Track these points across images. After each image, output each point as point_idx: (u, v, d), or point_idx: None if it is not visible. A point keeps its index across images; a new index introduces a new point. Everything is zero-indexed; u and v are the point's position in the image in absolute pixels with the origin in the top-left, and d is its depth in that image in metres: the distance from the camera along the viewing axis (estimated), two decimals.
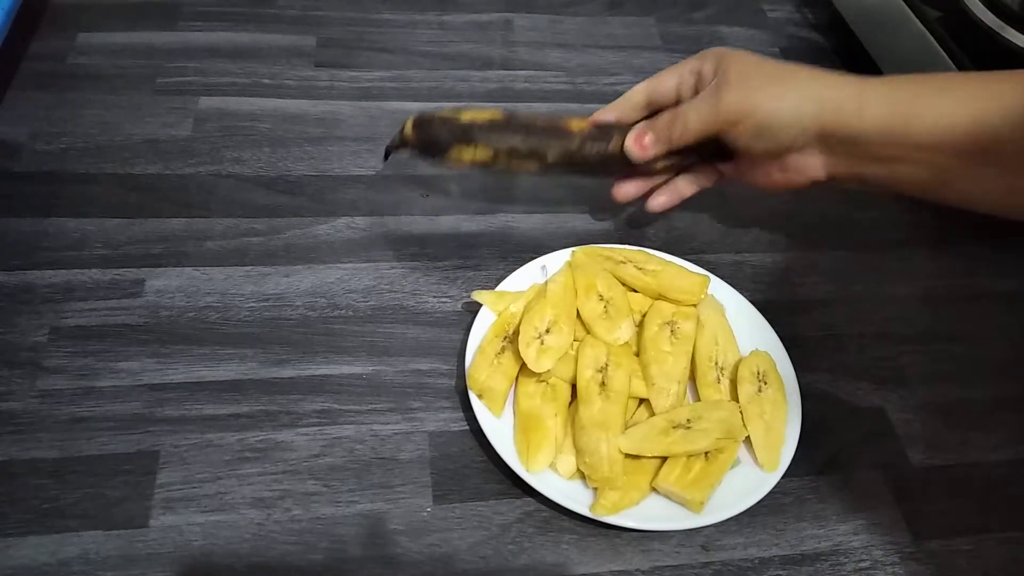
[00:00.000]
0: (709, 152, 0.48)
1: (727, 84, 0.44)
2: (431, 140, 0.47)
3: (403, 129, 0.48)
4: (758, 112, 0.43)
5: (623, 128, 0.48)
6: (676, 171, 0.50)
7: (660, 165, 0.49)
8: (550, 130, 0.47)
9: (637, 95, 0.49)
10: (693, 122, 0.45)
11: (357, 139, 0.60)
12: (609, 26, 0.73)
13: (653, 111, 0.49)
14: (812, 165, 0.46)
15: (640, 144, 0.47)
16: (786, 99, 0.43)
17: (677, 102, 0.48)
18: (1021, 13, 0.56)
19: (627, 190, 0.50)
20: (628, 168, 0.48)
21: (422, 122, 0.47)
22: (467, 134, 0.46)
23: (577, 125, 0.48)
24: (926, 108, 0.42)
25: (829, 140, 0.44)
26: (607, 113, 0.50)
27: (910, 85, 0.44)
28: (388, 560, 0.40)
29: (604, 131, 0.48)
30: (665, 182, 0.51)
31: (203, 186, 0.55)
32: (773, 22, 0.76)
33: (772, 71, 0.45)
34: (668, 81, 0.48)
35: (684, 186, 0.51)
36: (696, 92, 0.47)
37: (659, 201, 0.51)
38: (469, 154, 0.47)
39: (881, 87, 0.44)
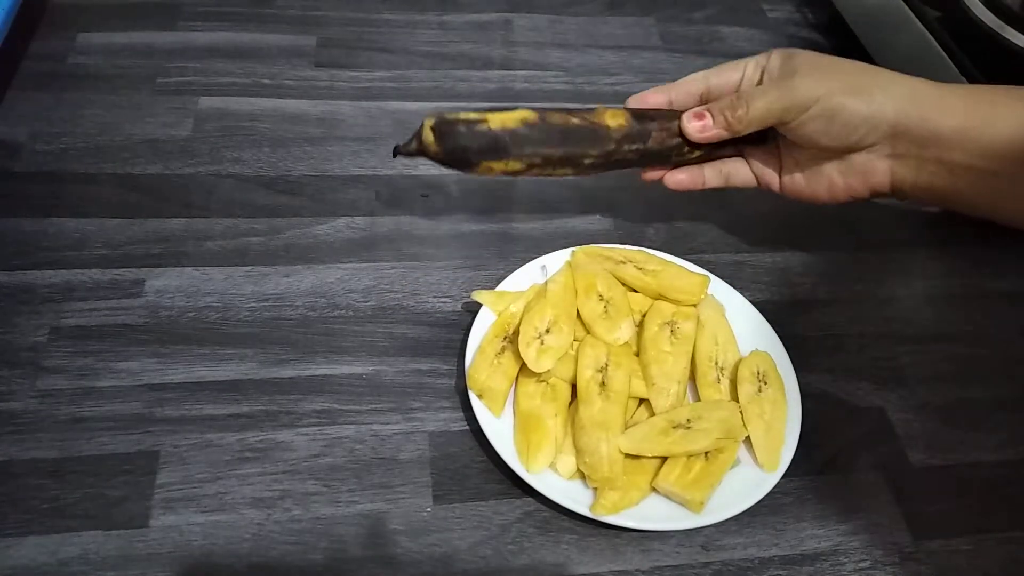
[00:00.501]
0: (750, 139, 0.47)
1: (799, 71, 0.42)
2: (456, 152, 0.44)
3: (421, 135, 0.44)
4: (833, 97, 0.41)
5: (662, 120, 0.46)
6: (708, 159, 0.50)
7: (695, 154, 0.48)
8: (586, 132, 0.45)
9: (695, 83, 0.47)
10: (758, 105, 0.43)
11: (357, 139, 0.60)
12: (609, 26, 0.73)
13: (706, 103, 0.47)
14: (878, 169, 0.45)
15: (699, 118, 0.44)
16: (863, 89, 0.42)
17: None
18: (1021, 13, 0.56)
19: (652, 176, 0.49)
20: (663, 161, 0.48)
21: (444, 130, 0.43)
22: (498, 145, 0.43)
23: (614, 119, 0.45)
24: (1005, 113, 0.42)
25: (902, 139, 0.43)
26: (658, 95, 0.47)
27: (988, 91, 0.44)
28: (388, 560, 0.40)
29: (642, 126, 0.46)
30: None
31: (203, 186, 0.55)
32: (773, 22, 0.76)
33: (847, 64, 0.44)
34: (731, 74, 0.46)
35: (710, 175, 0.50)
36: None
37: (678, 179, 0.49)
38: (500, 166, 0.45)
39: (959, 89, 0.43)
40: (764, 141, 0.49)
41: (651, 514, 0.41)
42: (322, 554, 0.40)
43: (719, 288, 0.50)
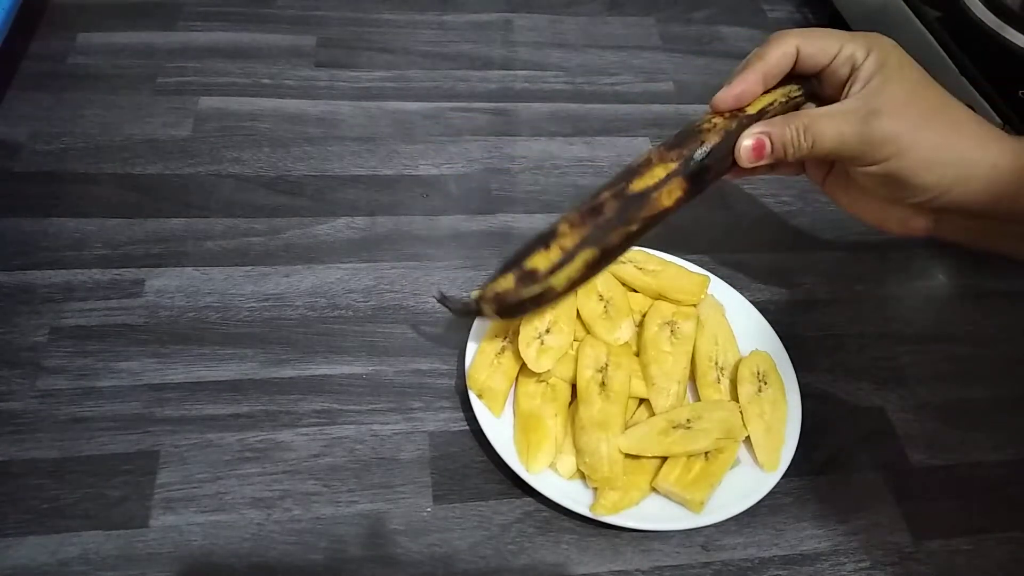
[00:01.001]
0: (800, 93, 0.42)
1: (884, 110, 0.37)
2: (521, 314, 0.43)
3: (479, 310, 0.41)
4: (907, 159, 0.37)
5: (718, 160, 0.40)
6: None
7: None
8: (646, 228, 0.40)
9: (786, 53, 0.40)
10: (828, 139, 0.38)
11: (357, 139, 0.60)
12: (609, 26, 0.73)
13: (785, 78, 0.41)
14: (919, 221, 0.42)
15: (758, 152, 0.40)
16: (945, 159, 0.37)
17: (817, 74, 0.41)
18: (1021, 13, 0.56)
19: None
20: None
21: (509, 308, 0.41)
22: (566, 295, 0.41)
23: (670, 196, 0.40)
24: None
25: (962, 212, 0.39)
26: (749, 79, 0.40)
27: None
28: (388, 560, 0.40)
29: (698, 181, 0.41)
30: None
31: (203, 186, 0.55)
32: (773, 22, 0.76)
33: (934, 104, 0.38)
34: (826, 46, 0.40)
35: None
36: (843, 84, 0.40)
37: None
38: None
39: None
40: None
41: (651, 514, 0.41)
42: (322, 554, 0.40)
43: (719, 288, 0.50)
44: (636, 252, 0.51)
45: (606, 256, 0.40)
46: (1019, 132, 0.42)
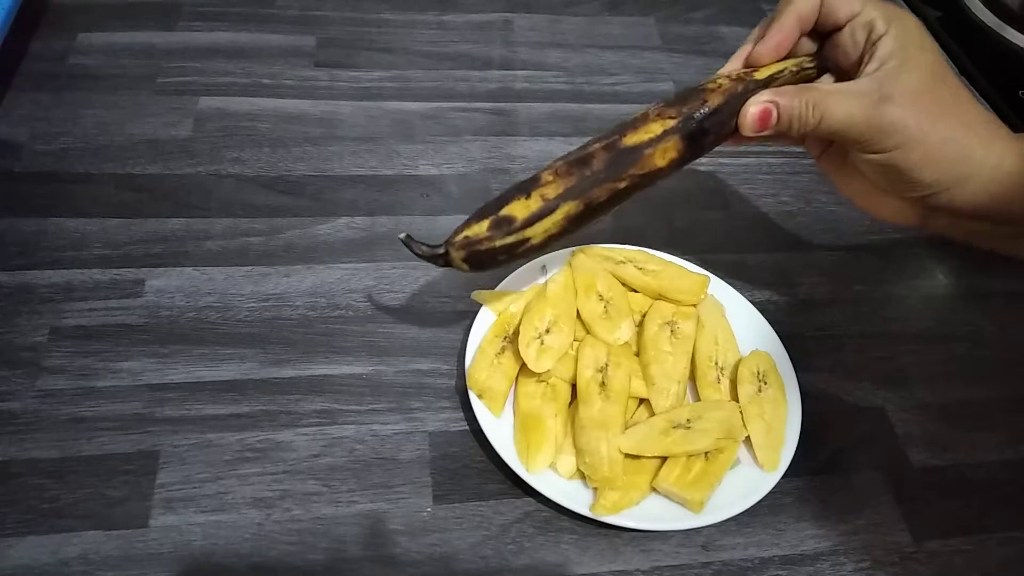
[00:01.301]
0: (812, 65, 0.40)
1: (894, 96, 0.36)
2: (493, 266, 0.41)
3: (448, 259, 0.40)
4: (915, 150, 0.36)
5: (718, 126, 0.39)
6: None
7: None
8: (637, 185, 0.39)
9: (807, 6, 0.39)
10: (837, 118, 0.37)
11: (357, 139, 0.60)
12: (609, 26, 0.73)
13: (802, 33, 0.40)
14: (908, 213, 0.41)
15: (763, 122, 0.38)
16: (953, 159, 0.36)
17: (832, 33, 0.39)
18: (1021, 13, 0.56)
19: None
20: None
21: (480, 259, 0.39)
22: (544, 249, 0.40)
23: (664, 156, 0.39)
24: None
25: (957, 213, 0.39)
26: (774, 40, 0.40)
27: None
28: (388, 560, 0.40)
29: (696, 145, 0.39)
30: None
31: (203, 186, 0.55)
32: None
33: (947, 96, 0.37)
34: (852, 4, 0.38)
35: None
36: (856, 52, 0.38)
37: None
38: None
39: None
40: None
41: (651, 514, 0.41)
42: (322, 554, 0.40)
43: (719, 288, 0.50)
44: (636, 252, 0.51)
45: (589, 211, 0.38)
46: (1019, 132, 0.42)
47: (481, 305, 0.47)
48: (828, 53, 0.40)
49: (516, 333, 0.45)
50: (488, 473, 0.43)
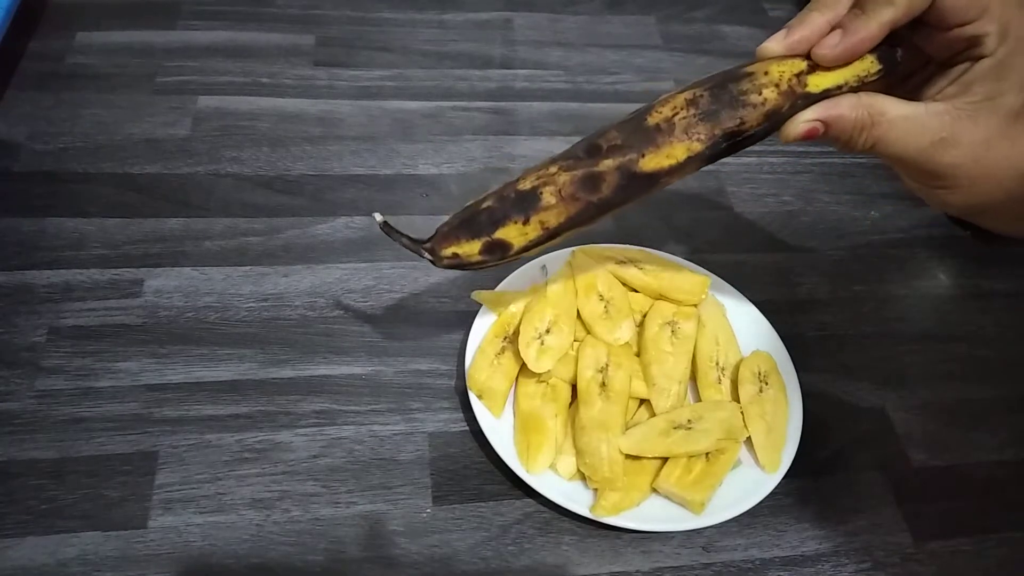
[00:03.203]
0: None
1: (960, 140, 0.32)
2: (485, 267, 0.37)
3: (439, 257, 0.36)
4: (956, 194, 0.34)
5: (748, 128, 0.34)
6: None
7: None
8: (654, 178, 0.35)
9: None
10: (890, 151, 0.33)
11: (356, 138, 0.59)
12: (609, 25, 0.73)
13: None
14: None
15: (807, 138, 0.34)
16: (992, 198, 0.33)
17: (932, 26, 0.32)
18: None
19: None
20: None
21: (466, 265, 0.36)
22: (539, 245, 0.36)
23: (687, 150, 0.34)
24: None
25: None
26: (867, 33, 0.32)
27: None
28: (388, 561, 0.40)
29: (722, 138, 0.34)
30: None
31: (202, 186, 0.55)
32: (774, 21, 0.76)
33: (1008, 150, 0.33)
34: (973, 7, 0.31)
35: None
36: (950, 54, 0.33)
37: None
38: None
39: None
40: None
41: (652, 515, 0.41)
42: (321, 555, 0.40)
43: (720, 288, 0.50)
44: (637, 252, 0.50)
45: (593, 206, 0.35)
46: None
47: (481, 305, 0.47)
48: (908, 45, 0.34)
49: (516, 333, 0.45)
50: (488, 474, 0.43)
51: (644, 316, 0.48)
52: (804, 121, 0.33)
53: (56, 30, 0.63)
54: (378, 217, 0.37)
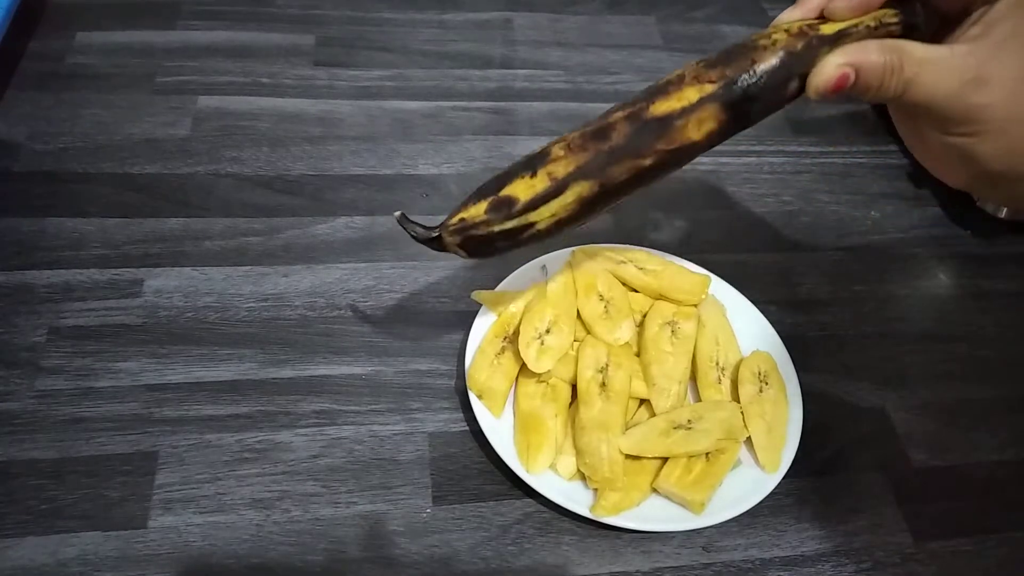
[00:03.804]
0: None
1: (992, 79, 0.31)
2: (494, 254, 0.35)
3: (444, 247, 0.36)
4: (996, 141, 0.32)
5: (768, 87, 0.32)
6: None
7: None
8: (666, 164, 0.33)
9: None
10: (922, 93, 0.31)
11: (356, 138, 0.59)
12: (609, 25, 0.73)
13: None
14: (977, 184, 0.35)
15: (838, 88, 0.32)
16: None
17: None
18: None
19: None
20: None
21: (477, 245, 0.34)
22: (553, 234, 0.34)
23: (699, 128, 0.32)
24: None
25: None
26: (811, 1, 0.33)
27: None
28: (387, 561, 0.40)
29: (740, 111, 0.32)
30: None
31: (202, 186, 0.55)
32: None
33: None
34: None
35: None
36: (957, 12, 0.32)
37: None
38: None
39: None
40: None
41: (652, 515, 0.41)
42: (321, 555, 0.39)
43: (720, 288, 0.50)
44: (637, 252, 0.50)
45: (606, 194, 0.32)
46: None
47: (481, 305, 0.47)
48: (919, 9, 0.33)
49: (516, 333, 0.45)
50: (488, 474, 0.43)
51: (644, 316, 0.48)
52: (834, 66, 0.31)
53: (56, 30, 0.63)
54: (397, 214, 0.37)
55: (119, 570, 0.38)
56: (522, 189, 0.32)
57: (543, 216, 0.32)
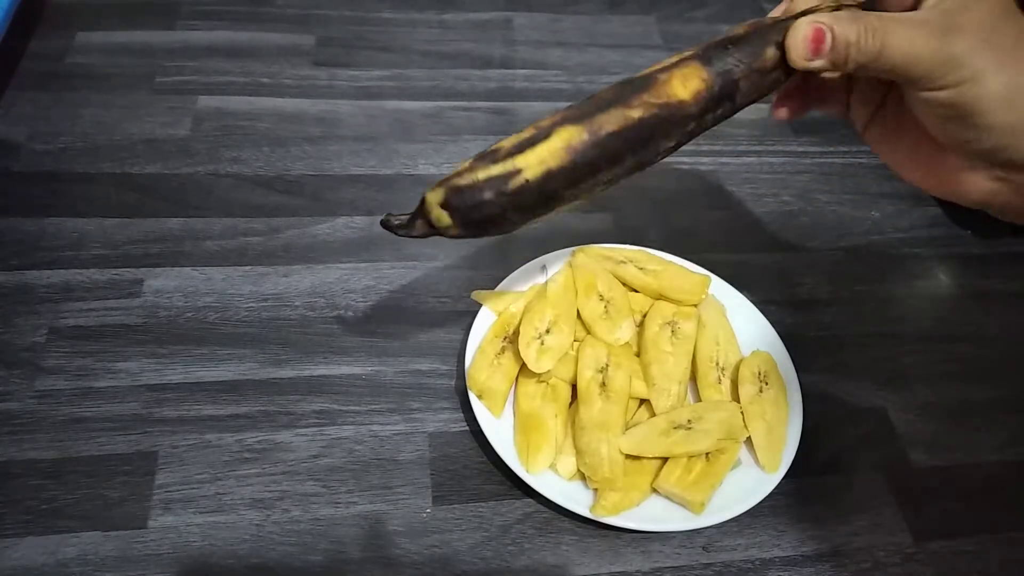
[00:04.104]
0: None
1: (963, 28, 0.32)
2: (486, 224, 0.33)
3: (428, 217, 0.33)
4: (983, 85, 0.32)
5: (748, 59, 0.33)
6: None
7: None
8: (655, 123, 0.32)
9: None
10: (899, 47, 0.32)
11: (356, 138, 0.59)
12: (610, 25, 0.73)
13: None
14: (974, 185, 0.35)
15: (816, 43, 0.33)
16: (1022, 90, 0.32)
17: None
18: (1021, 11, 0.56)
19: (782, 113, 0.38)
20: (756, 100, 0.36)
21: (462, 204, 0.32)
22: (544, 195, 0.32)
23: (685, 85, 0.32)
24: None
25: None
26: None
27: None
28: (387, 561, 0.40)
29: (725, 80, 0.33)
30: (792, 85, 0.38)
31: (202, 186, 0.55)
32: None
33: (1019, 35, 0.33)
34: None
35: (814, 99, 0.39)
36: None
37: (781, 115, 0.39)
38: (552, 214, 0.33)
39: None
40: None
41: (652, 515, 0.41)
42: (321, 555, 0.39)
43: (720, 288, 0.50)
44: (636, 252, 0.50)
45: (596, 142, 0.31)
46: None
47: (481, 305, 0.47)
48: None
49: (516, 333, 0.45)
50: (488, 474, 0.43)
51: (644, 316, 0.48)
52: (807, 22, 0.33)
53: (56, 30, 0.63)
54: (382, 218, 0.36)
55: (119, 570, 0.38)
56: (507, 141, 0.32)
57: (531, 162, 0.31)
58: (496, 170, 0.31)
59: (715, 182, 0.60)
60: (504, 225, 0.33)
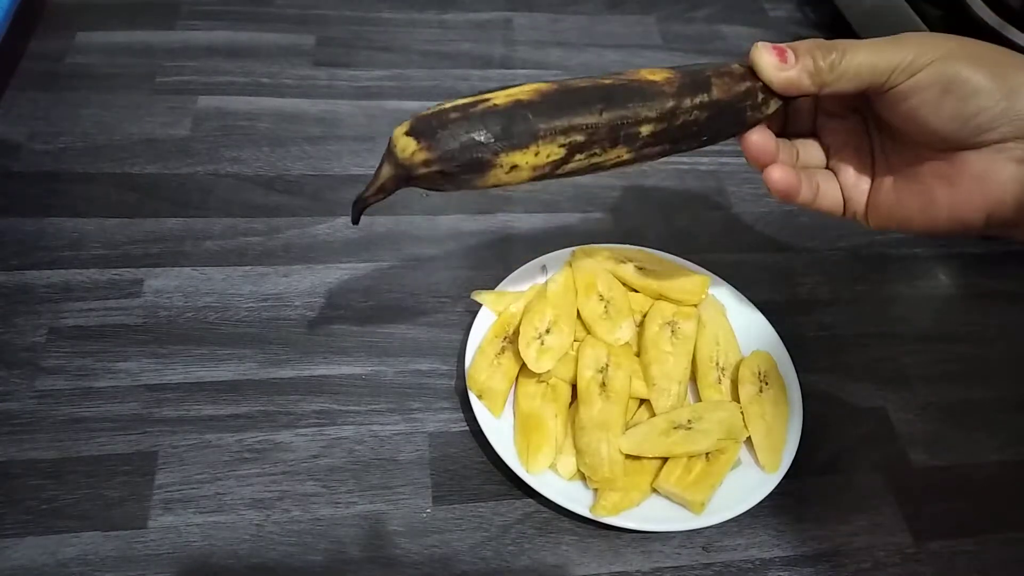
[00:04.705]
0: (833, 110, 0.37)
1: (911, 36, 0.33)
2: (458, 154, 0.30)
3: (394, 152, 0.31)
4: (951, 62, 0.32)
5: (715, 67, 0.35)
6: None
7: (771, 108, 0.36)
8: (628, 89, 0.33)
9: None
10: (858, 53, 0.33)
11: (356, 138, 0.59)
12: (609, 25, 0.73)
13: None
14: (1002, 177, 0.33)
15: (780, 54, 0.34)
16: (995, 63, 0.32)
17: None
18: (1022, 12, 0.56)
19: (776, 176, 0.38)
20: (739, 122, 0.36)
21: (429, 129, 0.30)
22: (516, 127, 0.30)
23: (653, 74, 0.34)
24: None
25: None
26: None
27: None
28: (387, 561, 0.40)
29: (695, 75, 0.34)
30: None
31: (202, 186, 0.55)
32: (774, 21, 0.76)
33: (979, 43, 0.34)
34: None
35: (805, 186, 0.38)
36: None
37: (754, 140, 0.38)
38: (529, 158, 0.31)
39: None
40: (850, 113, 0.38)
41: (652, 515, 0.41)
42: (321, 555, 0.39)
43: (720, 288, 0.50)
44: (636, 252, 0.50)
45: (566, 90, 0.32)
46: None
47: (481, 305, 0.47)
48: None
49: (516, 333, 0.45)
50: (488, 474, 0.43)
51: (644, 316, 0.48)
52: (766, 45, 0.35)
53: (56, 30, 0.63)
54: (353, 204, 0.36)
55: (119, 570, 0.38)
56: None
57: (499, 95, 0.31)
58: (464, 100, 0.31)
59: (715, 182, 0.60)
60: (480, 158, 0.31)
